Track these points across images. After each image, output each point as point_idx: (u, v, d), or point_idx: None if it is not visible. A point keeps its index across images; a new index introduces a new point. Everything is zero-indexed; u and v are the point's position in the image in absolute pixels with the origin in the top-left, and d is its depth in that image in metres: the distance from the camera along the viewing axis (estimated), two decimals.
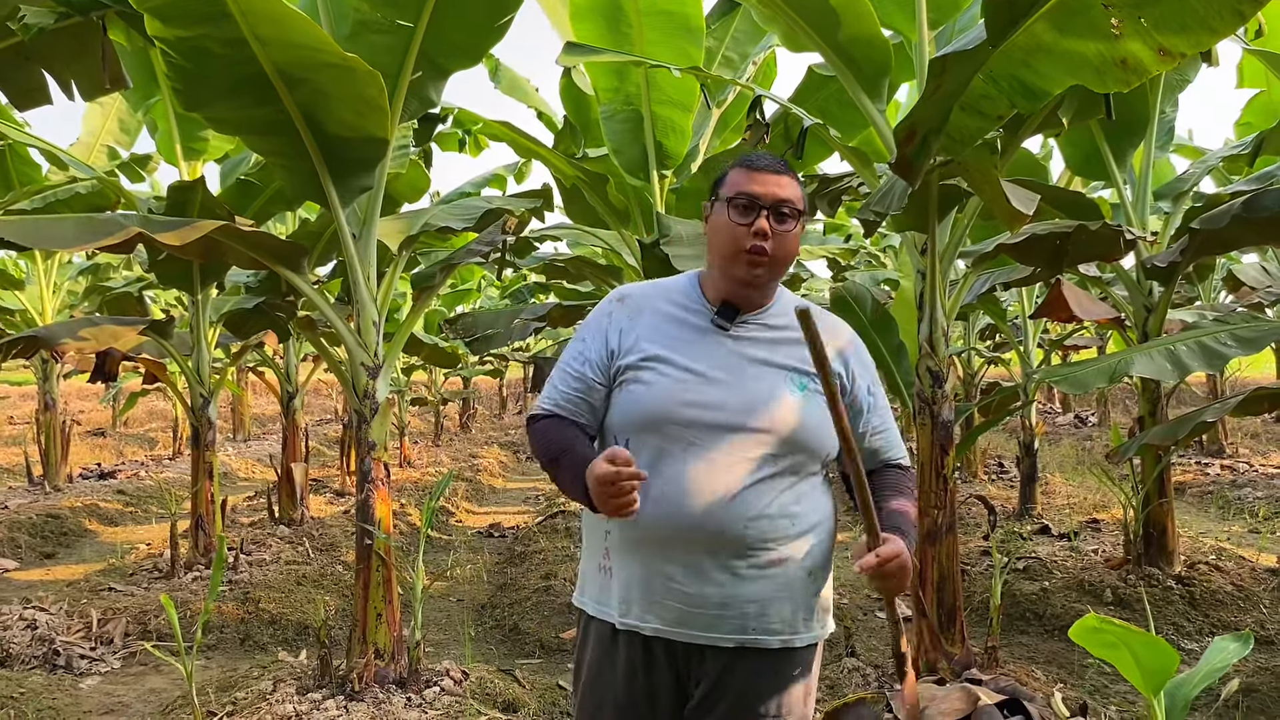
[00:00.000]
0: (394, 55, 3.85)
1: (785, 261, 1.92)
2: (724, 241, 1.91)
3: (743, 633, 1.87)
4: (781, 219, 1.89)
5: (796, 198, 1.91)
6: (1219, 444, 10.79)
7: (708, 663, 1.89)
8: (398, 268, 4.67)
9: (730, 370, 1.90)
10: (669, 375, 1.89)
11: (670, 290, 2.02)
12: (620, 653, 1.93)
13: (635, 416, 1.90)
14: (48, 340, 5.27)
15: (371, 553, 4.06)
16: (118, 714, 4.28)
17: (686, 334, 1.94)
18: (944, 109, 2.97)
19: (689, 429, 1.86)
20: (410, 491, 9.40)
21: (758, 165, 1.92)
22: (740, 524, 1.83)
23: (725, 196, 1.91)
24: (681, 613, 1.87)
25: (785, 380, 1.90)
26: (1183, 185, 5.68)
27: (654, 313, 1.98)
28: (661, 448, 1.87)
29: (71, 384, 19.70)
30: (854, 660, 4.29)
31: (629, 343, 1.94)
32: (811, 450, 1.89)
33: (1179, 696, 2.26)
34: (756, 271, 1.89)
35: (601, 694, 1.97)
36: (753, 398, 1.87)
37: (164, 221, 3.83)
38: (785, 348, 1.93)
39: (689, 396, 1.87)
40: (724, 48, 5.67)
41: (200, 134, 5.98)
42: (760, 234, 1.87)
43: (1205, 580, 5.19)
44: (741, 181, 1.91)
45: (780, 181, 1.90)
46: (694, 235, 4.32)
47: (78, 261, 10.32)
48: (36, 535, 7.71)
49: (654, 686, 1.92)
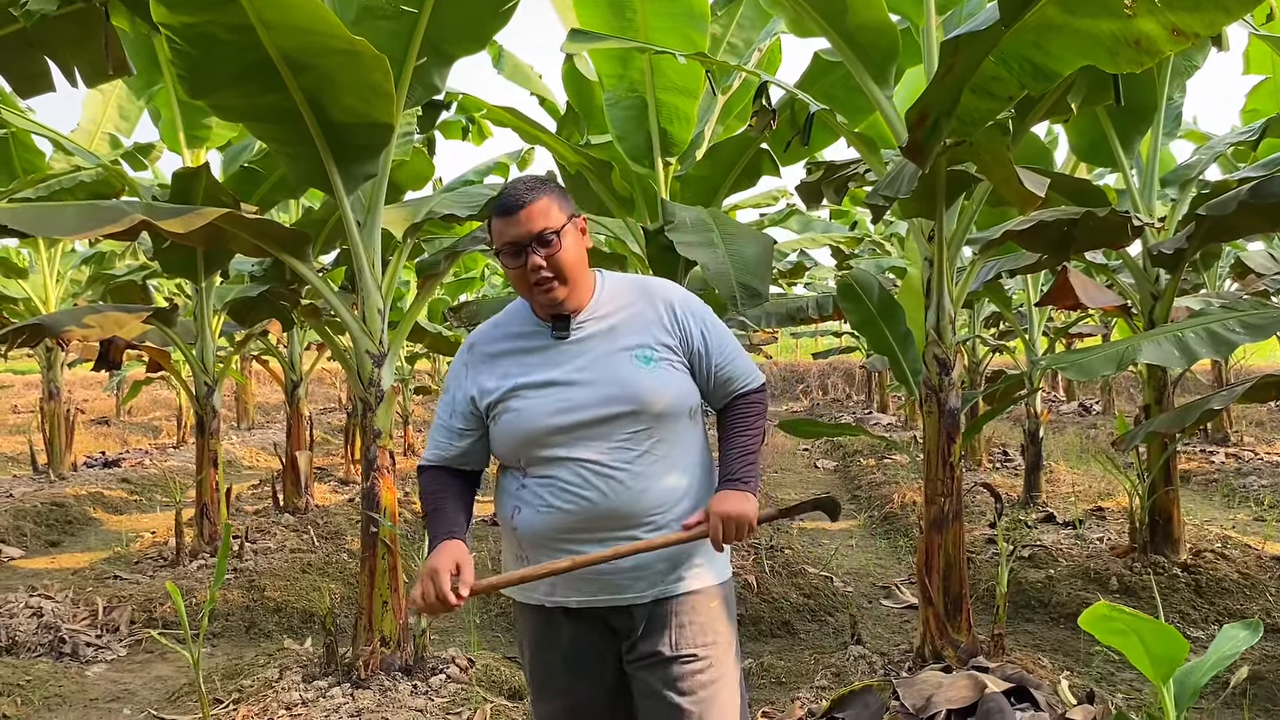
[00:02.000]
0: (398, 41, 3.84)
1: (572, 268, 2.06)
2: (515, 283, 2.10)
3: (656, 586, 2.09)
4: (547, 243, 2.03)
5: (545, 217, 2.03)
6: (1224, 432, 10.78)
7: (635, 618, 2.10)
8: (402, 255, 4.66)
9: (582, 370, 2.08)
10: (533, 396, 2.08)
11: (509, 324, 2.20)
12: (556, 627, 2.14)
13: (517, 440, 2.09)
14: (52, 328, 5.27)
15: (377, 540, 4.06)
16: (124, 701, 4.29)
17: (534, 356, 2.12)
18: (955, 91, 2.94)
19: (566, 433, 2.05)
20: (414, 480, 9.39)
21: (506, 208, 2.04)
22: (634, 499, 2.05)
23: (495, 250, 2.08)
24: (601, 584, 2.07)
25: (629, 360, 2.08)
26: (1189, 172, 5.65)
27: (500, 347, 2.17)
28: (550, 456, 2.06)
29: (75, 373, 19.75)
30: (860, 648, 4.29)
31: (489, 383, 2.13)
32: (672, 412, 2.09)
33: (1188, 684, 2.25)
34: (552, 295, 2.06)
35: (549, 665, 2.16)
36: (609, 385, 2.06)
37: (168, 208, 3.82)
38: (620, 331, 2.11)
39: (555, 406, 2.06)
40: (729, 34, 5.64)
41: (204, 121, 5.97)
42: (535, 269, 2.03)
43: (1211, 568, 5.18)
44: (500, 231, 2.06)
45: (529, 214, 2.03)
46: (698, 222, 4.30)
47: (81, 250, 10.31)
48: (41, 523, 7.73)
49: (593, 646, 2.14)
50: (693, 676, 2.08)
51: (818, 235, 10.30)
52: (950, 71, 2.80)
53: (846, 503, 8.99)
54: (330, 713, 3.63)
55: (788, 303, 6.84)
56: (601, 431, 2.04)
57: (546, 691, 2.19)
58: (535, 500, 2.07)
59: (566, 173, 5.75)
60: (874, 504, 8.41)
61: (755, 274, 3.93)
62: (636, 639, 2.11)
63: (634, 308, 2.14)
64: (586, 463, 2.04)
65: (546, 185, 2.09)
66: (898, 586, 5.78)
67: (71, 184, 5.68)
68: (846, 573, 6.16)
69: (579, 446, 2.04)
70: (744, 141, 5.27)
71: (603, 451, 2.04)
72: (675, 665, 2.08)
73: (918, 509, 6.89)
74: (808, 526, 7.76)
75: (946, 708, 3.23)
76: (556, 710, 2.19)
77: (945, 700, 3.27)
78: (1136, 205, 5.49)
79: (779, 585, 5.34)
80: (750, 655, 4.50)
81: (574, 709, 2.18)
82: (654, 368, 2.08)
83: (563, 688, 2.16)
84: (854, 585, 5.87)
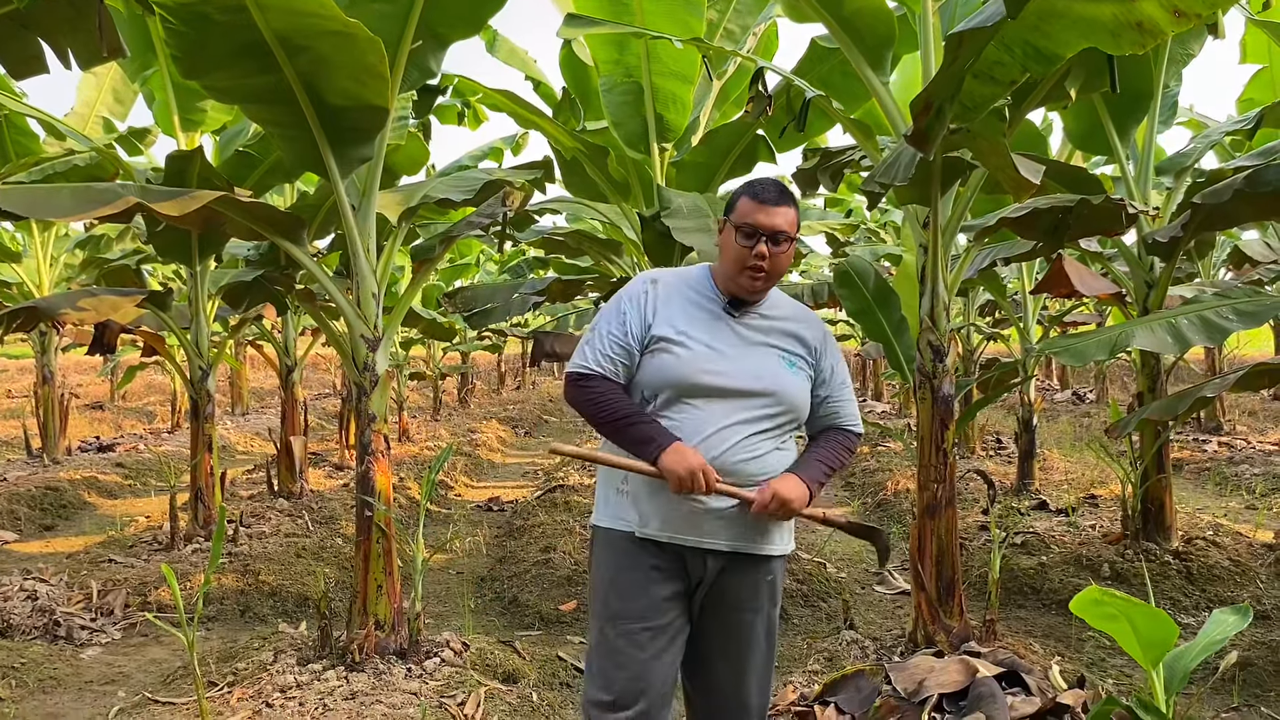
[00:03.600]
0: (394, 24, 3.82)
1: (778, 275, 2.44)
2: (732, 259, 2.42)
3: (737, 540, 2.41)
4: (777, 243, 2.39)
5: (791, 226, 2.41)
6: (1217, 421, 10.80)
7: (709, 564, 2.41)
8: (397, 240, 4.65)
9: (737, 347, 2.43)
10: (693, 349, 2.39)
11: (691, 279, 2.52)
12: (640, 557, 2.41)
13: (666, 379, 2.39)
14: (47, 311, 5.26)
15: (372, 525, 4.06)
16: (119, 684, 4.30)
17: (704, 316, 2.45)
18: (958, 79, 2.95)
19: (705, 390, 2.38)
20: (409, 466, 9.41)
21: (763, 198, 2.39)
22: (741, 461, 2.38)
23: (735, 222, 2.41)
24: (692, 523, 2.38)
25: (777, 357, 2.46)
26: (1184, 160, 5.65)
27: (681, 297, 2.47)
28: (684, 403, 2.39)
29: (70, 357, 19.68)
30: (852, 633, 4.31)
31: (661, 318, 2.43)
32: (794, 408, 2.46)
33: (1178, 668, 2.27)
34: (756, 284, 2.43)
35: (630, 584, 2.42)
36: (753, 369, 2.42)
37: (162, 191, 3.81)
38: (777, 334, 2.48)
39: (707, 366, 2.38)
40: (725, 19, 5.62)
41: (199, 104, 5.93)
42: (760, 256, 2.38)
43: (1202, 555, 5.21)
44: (748, 211, 2.40)
45: (780, 213, 2.39)
46: (694, 208, 4.31)
47: (75, 233, 10.27)
48: (36, 507, 7.73)
49: (669, 581, 2.41)
50: (747, 626, 2.46)
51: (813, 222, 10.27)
52: (955, 62, 2.80)
53: (840, 489, 9.02)
54: (324, 695, 3.64)
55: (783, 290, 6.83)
56: (737, 403, 2.38)
57: (620, 614, 2.41)
58: None
59: (562, 158, 5.74)
60: (868, 491, 8.43)
61: None
62: (710, 581, 2.42)
63: (795, 324, 2.52)
64: (711, 419, 2.36)
65: (794, 199, 2.46)
66: (890, 572, 5.80)
67: (65, 168, 5.65)
68: (840, 558, 6.17)
69: (714, 405, 2.38)
70: (740, 127, 5.27)
71: (730, 415, 2.37)
72: (740, 613, 2.45)
73: (911, 496, 6.91)
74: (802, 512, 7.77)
75: (938, 692, 3.25)
76: (625, 631, 2.40)
77: (937, 684, 3.29)
78: (1132, 193, 5.49)
79: None
80: None
81: (640, 632, 2.40)
82: (793, 370, 2.47)
83: (635, 610, 2.40)
84: (847, 571, 5.89)
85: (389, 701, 3.60)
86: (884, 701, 3.31)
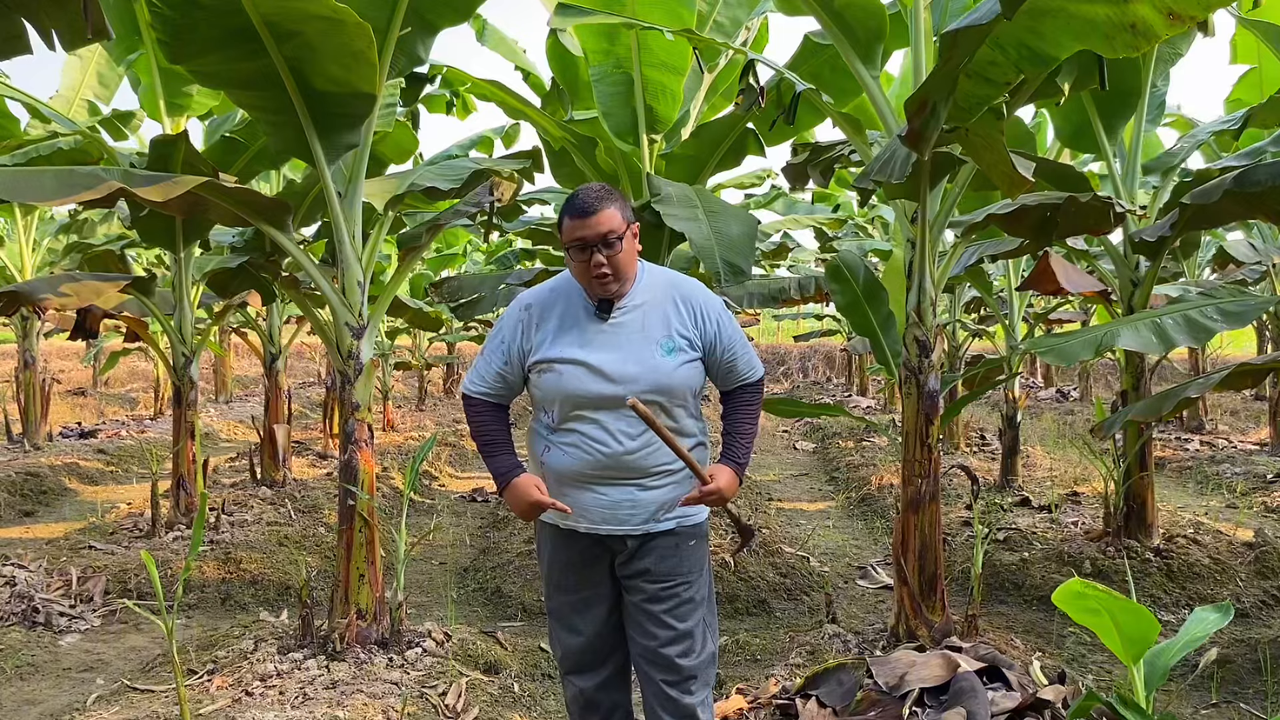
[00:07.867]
0: (383, 9, 3.79)
1: (625, 267, 2.53)
2: (577, 275, 2.55)
3: (647, 523, 2.60)
4: (610, 245, 2.47)
5: (616, 223, 2.48)
6: (1199, 420, 10.86)
7: (627, 545, 2.62)
8: (383, 228, 4.63)
9: (614, 348, 2.55)
10: (574, 366, 2.54)
11: (562, 290, 2.64)
12: (566, 543, 2.68)
13: (555, 395, 2.57)
14: (29, 295, 5.21)
15: (355, 514, 4.04)
16: (97, 671, 4.27)
17: (578, 328, 2.58)
18: (953, 78, 2.94)
19: (594, 401, 2.54)
20: (393, 455, 9.38)
21: (578, 210, 2.48)
22: (639, 456, 2.56)
23: (565, 245, 2.53)
24: (604, 516, 2.60)
25: (653, 346, 2.56)
26: (1171, 160, 5.67)
27: (555, 314, 2.61)
28: (578, 413, 2.57)
29: (52, 343, 19.55)
30: (834, 627, 4.32)
31: (538, 341, 2.60)
32: (679, 392, 2.59)
33: (1158, 665, 2.28)
34: (607, 286, 2.53)
35: (559, 567, 2.72)
36: (632, 370, 2.53)
37: (146, 176, 3.76)
38: (650, 320, 2.58)
39: (588, 379, 2.53)
40: (716, 11, 5.59)
41: (184, 89, 5.87)
42: (598, 264, 2.48)
43: (1183, 553, 5.24)
44: (571, 230, 2.49)
45: (600, 219, 2.46)
46: (684, 197, 4.29)
47: (58, 218, 10.19)
48: (16, 493, 7.66)
49: (593, 558, 2.67)
50: (668, 593, 2.62)
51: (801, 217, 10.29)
52: (949, 62, 2.79)
53: (825, 483, 9.04)
54: (305, 684, 3.62)
55: (770, 284, 6.84)
56: (621, 398, 2.49)
57: (560, 588, 2.73)
58: (564, 445, 2.59)
59: (550, 148, 5.71)
60: (852, 485, 8.45)
61: (739, 252, 3.93)
62: (627, 560, 2.63)
63: (665, 301, 2.59)
64: (610, 425, 2.53)
65: (613, 195, 2.52)
66: (873, 567, 5.81)
67: (49, 151, 5.59)
68: (823, 553, 6.19)
69: (605, 411, 2.53)
70: (730, 121, 5.25)
71: (622, 416, 2.52)
72: (655, 583, 2.62)
73: (895, 491, 6.92)
74: (785, 506, 7.80)
75: (919, 686, 3.26)
76: (565, 602, 2.72)
77: (918, 679, 3.29)
78: (1119, 192, 5.51)
79: (756, 564, 5.37)
80: (726, 633, 4.52)
81: (577, 602, 2.71)
82: (671, 354, 2.56)
83: (570, 585, 2.70)
84: (830, 565, 5.90)
85: (370, 691, 3.59)
86: (865, 695, 3.32)
